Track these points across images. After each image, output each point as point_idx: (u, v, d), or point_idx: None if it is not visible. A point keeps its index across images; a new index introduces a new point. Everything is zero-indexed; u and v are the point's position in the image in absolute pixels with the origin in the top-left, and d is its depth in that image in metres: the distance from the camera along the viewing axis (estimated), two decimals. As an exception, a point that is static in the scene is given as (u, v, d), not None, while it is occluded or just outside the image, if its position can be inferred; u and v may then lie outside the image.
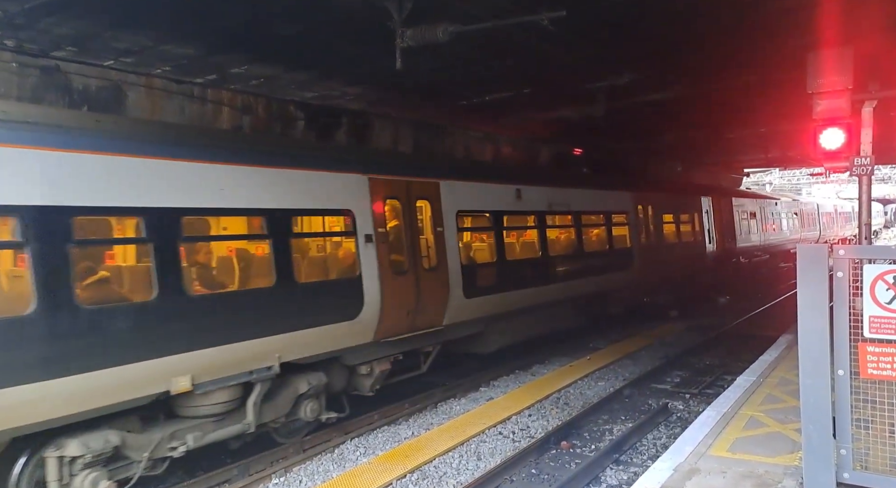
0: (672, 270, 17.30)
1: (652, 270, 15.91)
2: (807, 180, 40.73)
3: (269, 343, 7.14)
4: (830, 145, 8.37)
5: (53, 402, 5.59)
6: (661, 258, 16.53)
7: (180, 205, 6.49)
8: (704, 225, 19.63)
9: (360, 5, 6.98)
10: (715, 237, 20.54)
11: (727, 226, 21.63)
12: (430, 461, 7.53)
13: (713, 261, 20.23)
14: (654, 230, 16.50)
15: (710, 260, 20.08)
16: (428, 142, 14.05)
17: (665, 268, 16.74)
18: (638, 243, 15.35)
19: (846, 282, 4.43)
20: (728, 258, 21.67)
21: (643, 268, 15.45)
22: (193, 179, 6.64)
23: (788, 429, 6.03)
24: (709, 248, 19.92)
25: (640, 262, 15.36)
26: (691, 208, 19.12)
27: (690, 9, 7.54)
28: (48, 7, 6.58)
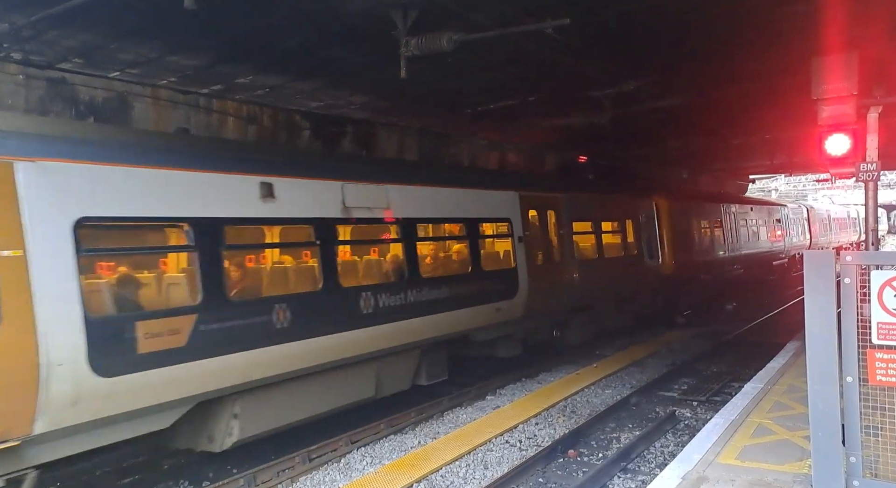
0: (586, 295, 13.37)
1: (551, 298, 12.17)
2: (812, 186, 40.37)
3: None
4: (836, 151, 8.35)
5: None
6: (567, 281, 12.76)
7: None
8: (642, 236, 16.13)
9: (364, 15, 7.04)
10: (660, 250, 17.03)
11: (681, 236, 18.26)
12: (436, 470, 7.49)
13: (656, 280, 16.68)
14: (558, 244, 12.79)
15: (652, 279, 16.47)
16: (433, 150, 14.09)
17: (575, 294, 12.97)
18: (529, 262, 11.54)
19: (854, 289, 4.40)
20: (682, 275, 17.89)
21: (535, 296, 11.52)
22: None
23: (797, 437, 5.98)
24: (648, 264, 16.28)
25: (531, 288, 11.44)
26: (621, 214, 15.48)
27: (695, 16, 7.56)
28: (54, 19, 6.65)
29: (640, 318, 16.28)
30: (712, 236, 20.71)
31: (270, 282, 8.32)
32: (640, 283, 15.92)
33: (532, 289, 11.52)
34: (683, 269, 17.99)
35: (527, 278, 11.44)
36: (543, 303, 11.99)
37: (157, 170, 6.53)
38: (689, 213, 19.12)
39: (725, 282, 21.67)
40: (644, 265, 16.09)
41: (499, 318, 10.90)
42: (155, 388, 6.24)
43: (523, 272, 11.41)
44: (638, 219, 16.04)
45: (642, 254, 16.03)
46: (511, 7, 7.05)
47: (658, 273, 16.80)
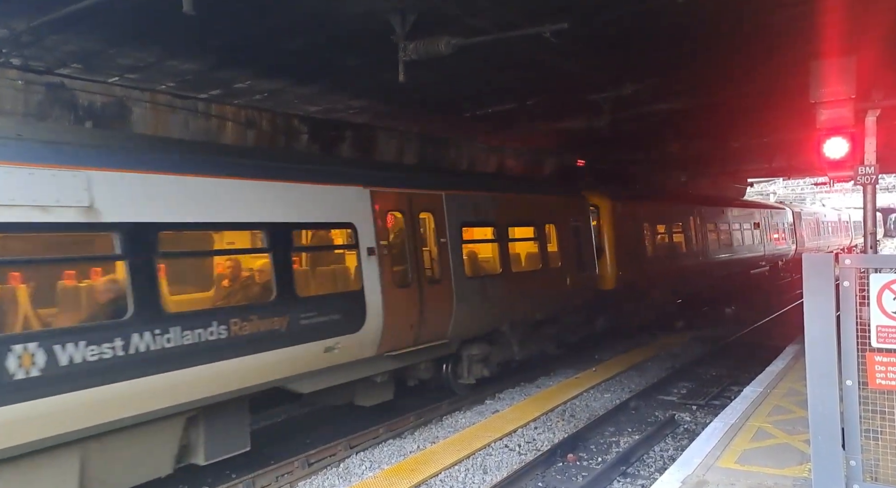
0: (484, 320, 10.62)
1: (425, 327, 9.36)
2: (811, 190, 40.23)
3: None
4: (834, 154, 8.36)
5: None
6: (452, 303, 9.86)
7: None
8: (570, 244, 13.09)
9: (363, 19, 7.05)
10: (605, 260, 14.44)
11: (630, 243, 15.47)
12: (435, 475, 7.47)
13: (593, 297, 13.76)
14: (438, 256, 9.81)
15: (586, 295, 13.48)
16: (433, 154, 14.10)
17: (466, 319, 10.11)
18: (386, 282, 8.69)
19: (853, 292, 4.40)
20: (631, 290, 15.25)
21: (396, 327, 8.82)
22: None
23: (797, 441, 5.97)
24: (580, 279, 13.15)
25: (389, 316, 8.66)
26: (539, 218, 12.38)
27: (693, 19, 7.58)
28: (54, 25, 6.66)
29: (571, 344, 13.47)
30: (672, 243, 17.95)
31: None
32: (567, 302, 12.81)
33: (391, 318, 8.64)
34: (632, 283, 15.14)
35: (381, 304, 8.51)
36: (413, 335, 9.17)
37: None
38: (640, 216, 16.17)
39: (689, 295, 18.82)
40: (574, 279, 12.93)
41: (334, 360, 8.02)
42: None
43: (375, 295, 8.45)
44: (565, 223, 13.00)
45: (571, 266, 12.92)
46: (509, 11, 7.07)
47: (595, 288, 13.83)
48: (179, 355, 6.31)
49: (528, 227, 12.20)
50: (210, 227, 7.16)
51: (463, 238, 10.37)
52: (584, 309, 13.66)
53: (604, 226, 14.71)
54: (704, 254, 19.83)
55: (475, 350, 10.67)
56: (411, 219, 9.46)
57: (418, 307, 9.28)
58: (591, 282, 13.77)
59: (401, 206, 9.33)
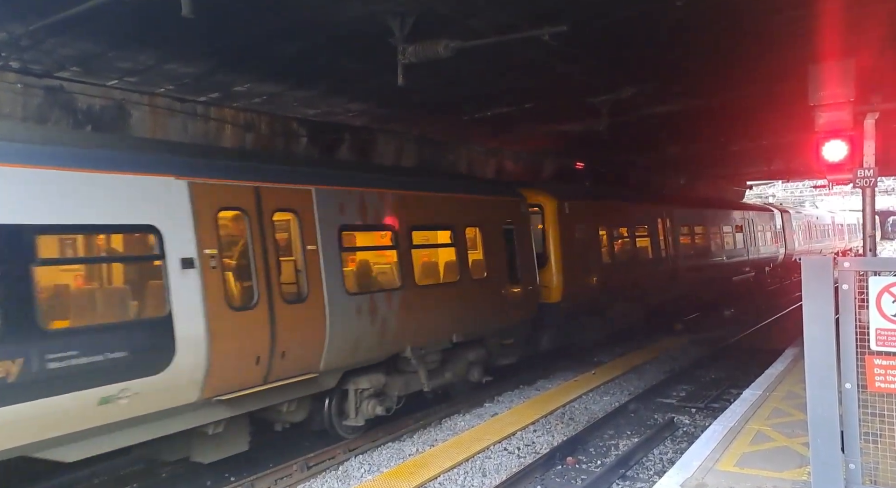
0: (372, 345, 8.63)
1: (280, 359, 7.35)
2: (811, 193, 40.18)
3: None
4: (833, 157, 8.37)
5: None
6: (323, 326, 7.88)
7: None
8: (500, 251, 11.11)
9: (361, 23, 7.06)
10: (549, 270, 12.56)
11: (581, 250, 13.42)
12: (434, 478, 7.46)
13: (531, 313, 11.89)
14: (306, 268, 7.82)
15: (522, 312, 11.61)
16: (431, 157, 14.11)
17: (345, 345, 8.20)
18: (215, 304, 6.73)
19: (851, 295, 4.39)
20: (582, 303, 13.40)
21: (228, 362, 6.83)
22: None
23: (796, 444, 5.96)
24: (513, 292, 11.27)
25: (217, 349, 6.69)
26: (455, 220, 10.26)
27: (691, 22, 7.59)
28: (52, 28, 6.66)
29: (502, 368, 11.63)
30: (635, 248, 15.98)
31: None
32: (496, 319, 10.89)
33: (221, 351, 6.65)
34: (584, 295, 13.31)
35: (204, 332, 6.50)
36: (262, 370, 7.13)
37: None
38: (596, 218, 14.16)
39: (658, 306, 16.96)
40: (506, 293, 11.10)
41: (121, 414, 5.99)
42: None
43: (193, 322, 6.43)
44: (495, 226, 11.04)
45: (502, 277, 11.03)
46: (508, 14, 7.08)
47: (535, 303, 11.90)
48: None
49: (441, 232, 10.28)
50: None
51: (343, 245, 8.30)
52: (522, 327, 11.62)
53: (548, 229, 12.71)
54: (676, 260, 17.68)
55: (365, 383, 8.60)
56: (260, 220, 7.31)
57: (269, 334, 7.13)
58: (531, 295, 11.72)
59: (242, 204, 7.20)
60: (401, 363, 9.27)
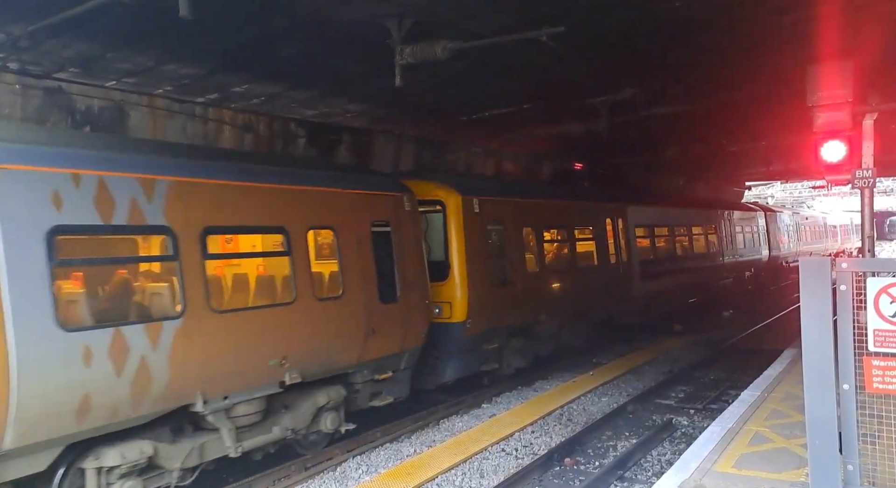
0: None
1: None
2: (809, 193, 40.09)
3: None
4: (832, 158, 8.37)
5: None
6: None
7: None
8: (362, 259, 8.60)
9: (360, 24, 7.06)
10: (456, 281, 10.29)
11: (500, 256, 11.20)
12: (432, 478, 7.46)
13: (418, 338, 9.44)
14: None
15: (407, 336, 9.22)
16: (430, 158, 14.11)
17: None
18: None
19: (850, 296, 4.39)
20: (498, 321, 10.99)
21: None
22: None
23: (794, 445, 5.96)
24: (387, 311, 8.84)
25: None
26: (300, 220, 7.91)
27: (689, 24, 7.60)
28: (51, 29, 6.66)
29: (363, 413, 9.01)
30: (576, 254, 13.52)
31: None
32: (357, 350, 8.37)
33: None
34: (500, 312, 10.84)
35: None
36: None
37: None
38: (521, 219, 11.80)
39: (609, 320, 14.63)
40: (376, 314, 8.61)
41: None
42: None
43: None
44: (357, 229, 8.54)
45: (369, 295, 8.56)
46: (506, 16, 7.09)
47: (425, 324, 9.54)
48: None
49: (268, 236, 7.82)
50: None
51: (57, 256, 5.58)
52: (406, 356, 9.20)
53: (451, 231, 10.33)
54: (631, 267, 15.39)
55: (114, 458, 6.06)
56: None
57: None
58: (419, 314, 9.32)
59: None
60: (194, 419, 6.81)
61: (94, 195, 5.90)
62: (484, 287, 10.69)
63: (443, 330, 10.13)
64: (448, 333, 10.22)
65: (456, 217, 10.52)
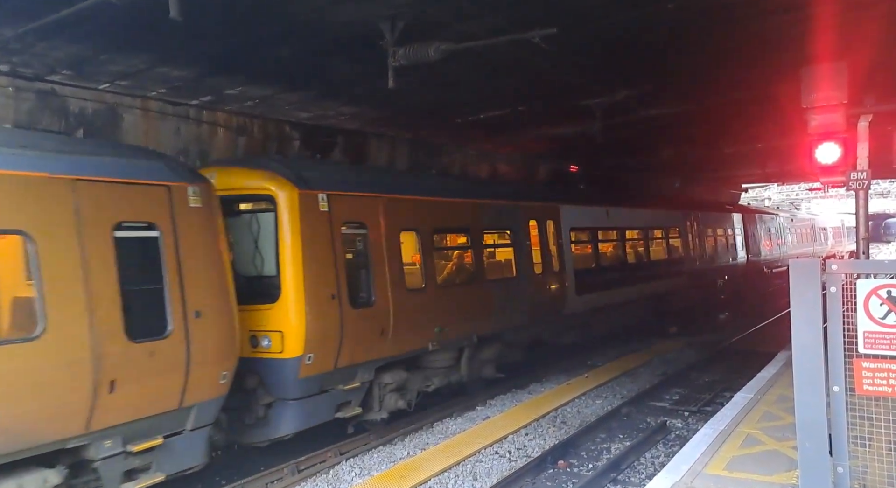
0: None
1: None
2: (806, 195, 40.07)
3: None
4: (826, 160, 8.39)
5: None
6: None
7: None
8: (114, 282, 6.00)
9: (353, 26, 7.05)
10: (289, 301, 7.90)
11: (364, 271, 8.81)
12: (425, 481, 7.44)
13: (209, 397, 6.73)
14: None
15: (183, 393, 6.51)
16: (425, 160, 14.10)
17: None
18: None
19: (839, 298, 4.39)
20: (352, 359, 8.48)
21: None
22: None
23: (786, 447, 5.95)
24: (123, 363, 5.95)
25: None
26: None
27: (684, 25, 7.60)
28: (42, 31, 6.64)
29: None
30: (480, 265, 10.98)
31: None
32: (77, 412, 5.75)
33: None
34: (361, 342, 8.49)
35: None
36: None
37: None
38: (398, 220, 9.30)
39: (534, 343, 12.37)
40: (119, 355, 6.00)
41: None
42: None
43: None
44: (83, 232, 5.93)
45: (103, 326, 5.89)
46: (499, 17, 7.08)
47: (229, 366, 6.96)
48: None
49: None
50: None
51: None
52: (193, 412, 6.66)
53: (283, 236, 7.88)
54: (563, 280, 12.93)
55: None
56: None
57: None
58: (210, 351, 6.73)
59: None
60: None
61: None
62: (333, 310, 8.04)
63: (273, 368, 7.76)
64: (280, 373, 7.76)
65: (291, 217, 7.94)
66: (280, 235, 7.97)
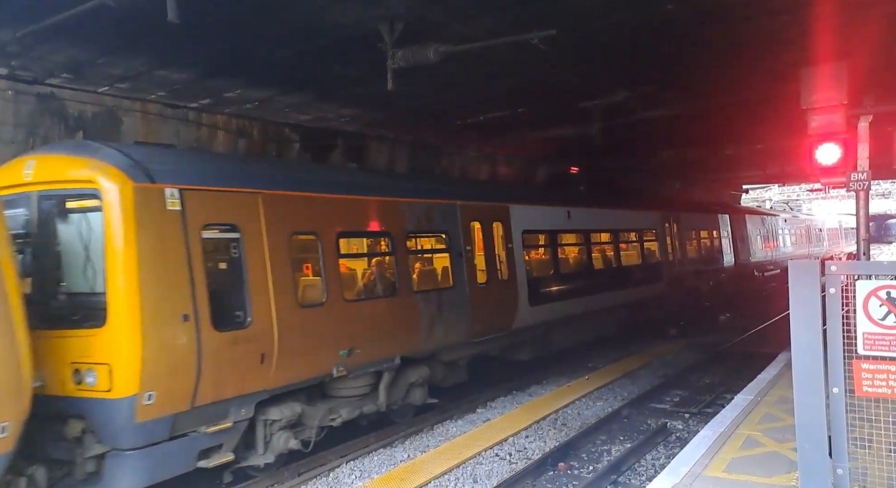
0: None
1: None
2: (806, 196, 39.97)
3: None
4: (826, 161, 8.36)
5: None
6: None
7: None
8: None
9: (351, 28, 7.06)
10: (128, 333, 6.08)
11: (237, 283, 7.15)
12: (425, 484, 7.41)
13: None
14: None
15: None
16: (424, 162, 14.10)
17: None
18: None
19: (838, 299, 4.37)
20: (217, 391, 6.75)
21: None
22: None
23: (786, 449, 5.92)
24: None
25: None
26: None
27: (682, 26, 7.60)
28: (41, 35, 6.66)
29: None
30: (406, 273, 9.42)
31: None
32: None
33: None
34: (232, 375, 6.92)
35: None
36: None
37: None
38: (289, 219, 7.79)
39: (476, 360, 11.05)
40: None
41: None
42: None
43: None
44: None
45: None
46: (498, 19, 7.09)
47: (7, 409, 5.23)
48: None
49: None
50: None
51: None
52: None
53: (112, 241, 6.24)
54: (513, 290, 11.42)
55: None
56: None
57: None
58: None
59: None
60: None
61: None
62: (184, 334, 6.46)
63: (101, 411, 6.19)
64: (110, 417, 6.20)
65: (125, 217, 6.24)
66: (108, 240, 6.21)
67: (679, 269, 18.06)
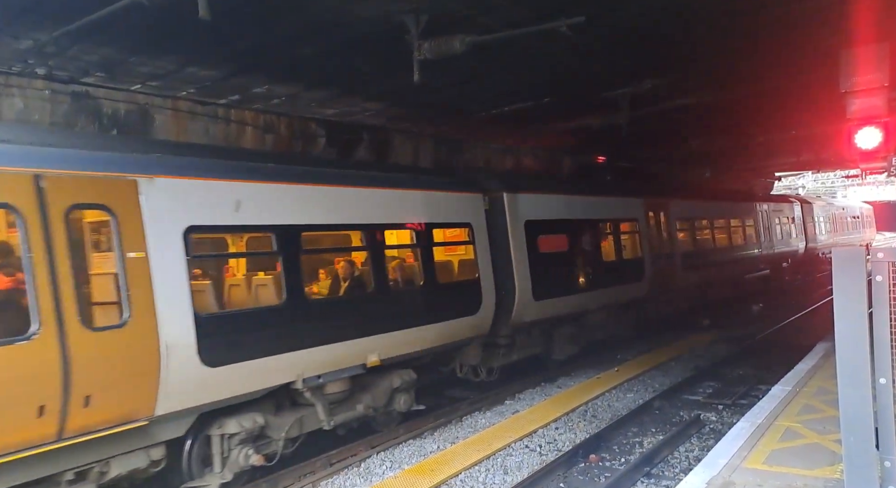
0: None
1: None
2: (842, 183, 38.86)
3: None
4: (866, 145, 8.17)
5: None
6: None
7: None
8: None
9: (376, 22, 7.05)
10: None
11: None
12: (456, 475, 7.43)
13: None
14: None
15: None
16: (449, 156, 14.06)
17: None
18: None
19: (886, 286, 4.24)
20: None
21: None
22: None
23: (828, 440, 5.79)
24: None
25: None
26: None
27: (712, 10, 7.42)
28: (74, 35, 6.77)
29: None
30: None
31: None
32: None
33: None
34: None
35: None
36: None
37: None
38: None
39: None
40: None
41: None
42: None
43: None
44: None
45: None
46: (524, 8, 7.00)
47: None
48: None
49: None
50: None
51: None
52: None
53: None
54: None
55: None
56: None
57: None
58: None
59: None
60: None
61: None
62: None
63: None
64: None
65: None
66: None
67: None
